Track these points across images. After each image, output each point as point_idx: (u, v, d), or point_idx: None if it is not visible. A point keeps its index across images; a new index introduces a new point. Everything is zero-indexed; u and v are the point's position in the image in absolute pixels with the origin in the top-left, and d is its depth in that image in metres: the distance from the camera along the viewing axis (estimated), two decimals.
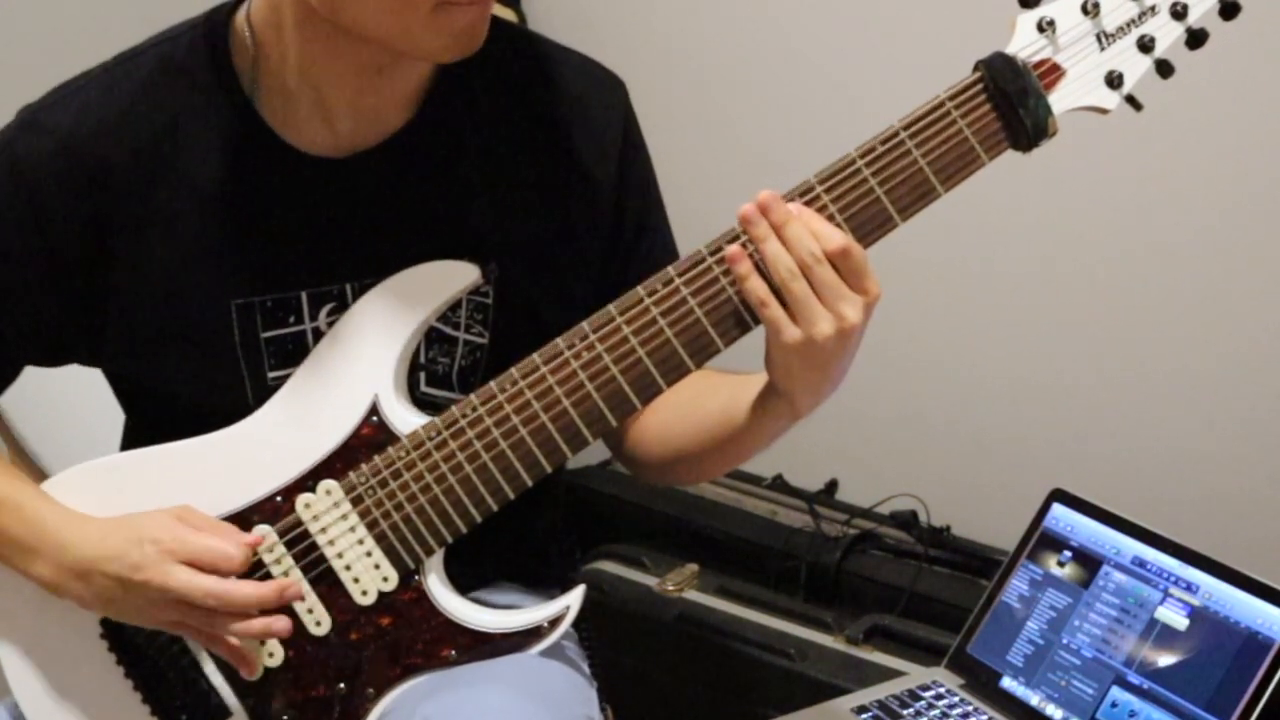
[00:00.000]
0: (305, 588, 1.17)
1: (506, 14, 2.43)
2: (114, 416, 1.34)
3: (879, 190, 1.08)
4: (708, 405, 1.22)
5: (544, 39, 1.30)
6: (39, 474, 1.99)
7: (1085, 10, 1.08)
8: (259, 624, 1.15)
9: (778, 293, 1.06)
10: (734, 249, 1.08)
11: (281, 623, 1.15)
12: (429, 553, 1.17)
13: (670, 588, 2.00)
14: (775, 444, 1.21)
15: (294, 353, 1.21)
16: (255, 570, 1.17)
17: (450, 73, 1.21)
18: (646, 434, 1.29)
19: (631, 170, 1.28)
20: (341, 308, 1.20)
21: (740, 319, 1.10)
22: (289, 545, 1.17)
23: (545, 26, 2.41)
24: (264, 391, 1.21)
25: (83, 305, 1.20)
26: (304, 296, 1.21)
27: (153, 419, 1.27)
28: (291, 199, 1.20)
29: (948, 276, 2.13)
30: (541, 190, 1.24)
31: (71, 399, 1.51)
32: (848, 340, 1.06)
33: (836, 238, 1.05)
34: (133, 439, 1.32)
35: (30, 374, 1.28)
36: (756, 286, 1.07)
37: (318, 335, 1.21)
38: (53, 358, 1.26)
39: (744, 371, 1.20)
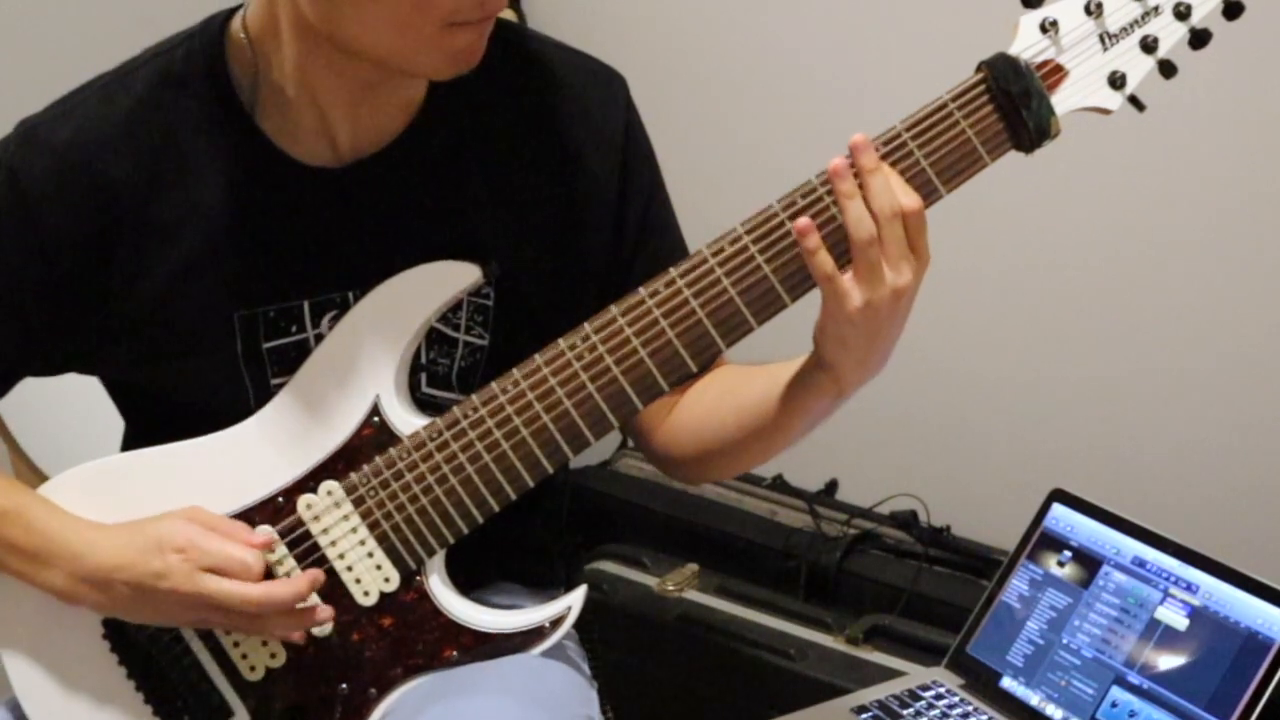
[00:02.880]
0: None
1: (506, 13, 2.43)
2: (115, 419, 1.34)
3: None
4: (745, 393, 1.21)
5: (540, 37, 1.29)
6: (39, 476, 1.99)
7: (1088, 11, 1.08)
8: (307, 619, 1.15)
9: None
10: (804, 221, 1.06)
11: (326, 612, 1.15)
12: (431, 553, 1.17)
13: (670, 588, 2.00)
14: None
15: (296, 361, 1.20)
16: None
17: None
18: (680, 431, 1.28)
19: (634, 167, 1.27)
20: (343, 316, 1.20)
21: (742, 319, 1.10)
22: (291, 546, 1.17)
23: (545, 26, 2.41)
24: (267, 399, 1.20)
25: (83, 318, 1.20)
26: (306, 306, 1.21)
27: (153, 426, 1.26)
28: (291, 210, 1.19)
29: (948, 277, 2.12)
30: (542, 190, 1.24)
31: (72, 402, 1.51)
32: (899, 302, 1.06)
33: (914, 197, 1.06)
34: (133, 443, 1.32)
35: (30, 378, 1.28)
36: (824, 261, 1.06)
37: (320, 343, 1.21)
38: (52, 368, 1.26)
39: (776, 362, 1.19)
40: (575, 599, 1.18)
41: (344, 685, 1.18)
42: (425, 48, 1.09)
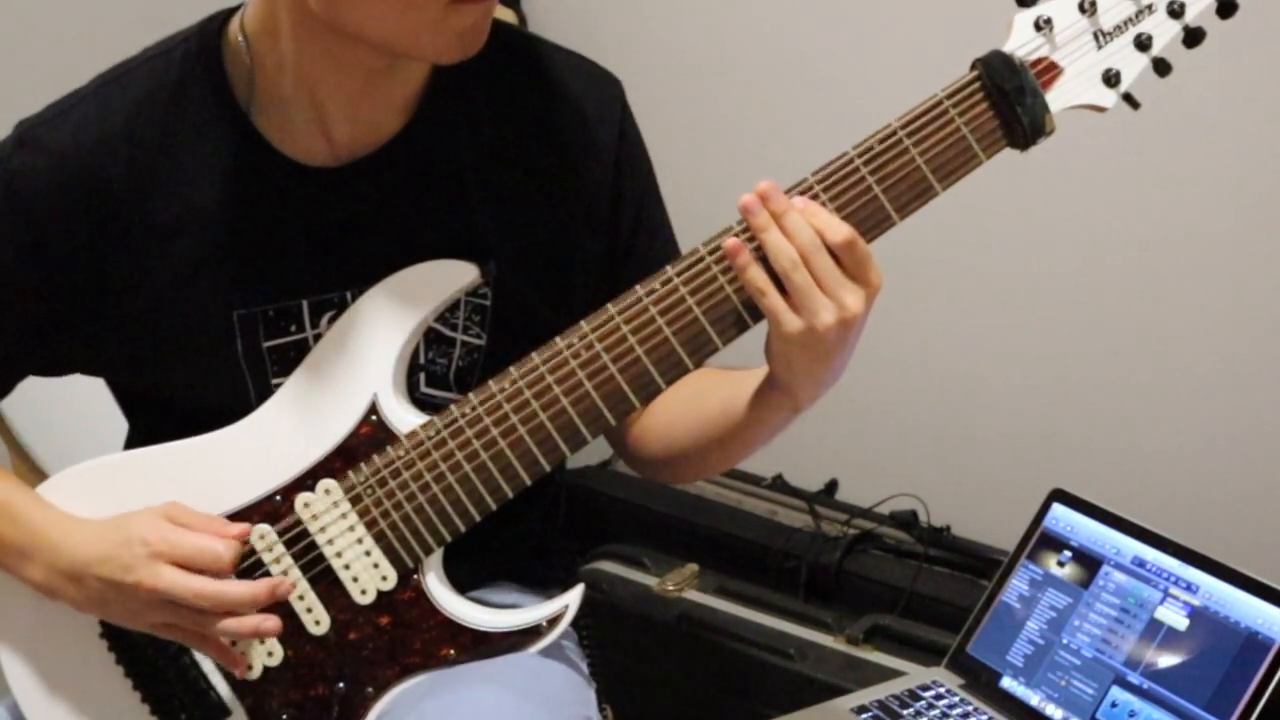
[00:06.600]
0: (304, 587, 1.17)
1: (506, 14, 2.43)
2: (118, 419, 1.34)
3: (877, 189, 1.08)
4: (709, 401, 1.22)
5: (538, 39, 1.29)
6: (40, 477, 1.99)
7: (1082, 8, 1.08)
8: (249, 623, 1.14)
9: (778, 283, 1.06)
10: (732, 241, 1.07)
11: (271, 622, 1.15)
12: (428, 552, 1.17)
13: (670, 588, 2.00)
14: (776, 443, 1.21)
15: (296, 360, 1.20)
16: (254, 570, 1.17)
17: (445, 76, 1.20)
18: (649, 431, 1.29)
19: (628, 169, 1.28)
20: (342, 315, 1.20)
21: (739, 318, 1.10)
22: (288, 545, 1.17)
23: (545, 27, 2.42)
24: (268, 399, 1.20)
25: (83, 320, 1.20)
26: (305, 305, 1.21)
27: (156, 426, 1.26)
28: (289, 210, 1.19)
29: (947, 276, 2.14)
30: (538, 191, 1.24)
31: (74, 402, 1.51)
32: (849, 330, 1.06)
33: (843, 230, 1.05)
34: (135, 444, 1.31)
35: (33, 378, 1.28)
36: (756, 276, 1.07)
37: None
38: (55, 369, 1.26)
39: (745, 367, 1.20)
40: (572, 598, 1.18)
41: (341, 684, 1.18)
42: (430, 28, 1.08)
